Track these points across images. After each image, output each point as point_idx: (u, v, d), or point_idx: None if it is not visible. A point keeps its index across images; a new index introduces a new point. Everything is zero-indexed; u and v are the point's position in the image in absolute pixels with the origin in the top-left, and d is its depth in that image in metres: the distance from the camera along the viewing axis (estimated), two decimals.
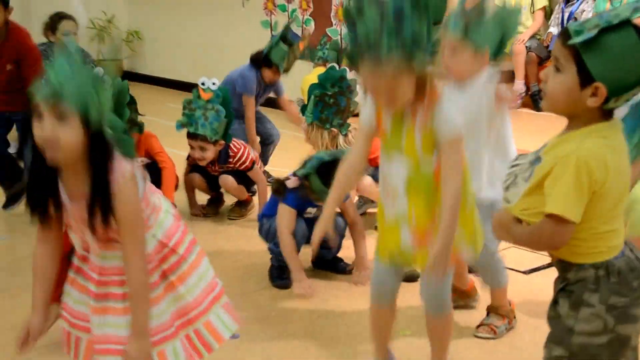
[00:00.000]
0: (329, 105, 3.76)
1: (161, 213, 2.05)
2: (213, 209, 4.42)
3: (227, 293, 3.27)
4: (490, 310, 2.94)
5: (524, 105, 6.03)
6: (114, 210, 1.86)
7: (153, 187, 2.07)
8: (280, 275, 3.40)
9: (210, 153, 4.14)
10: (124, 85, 2.93)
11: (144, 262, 1.95)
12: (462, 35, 2.58)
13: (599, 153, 1.63)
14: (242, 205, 4.39)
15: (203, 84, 4.07)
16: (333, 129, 3.78)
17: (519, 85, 5.96)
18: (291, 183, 3.23)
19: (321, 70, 6.79)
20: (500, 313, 2.90)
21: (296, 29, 7.29)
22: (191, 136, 4.11)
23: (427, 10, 2.00)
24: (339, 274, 3.49)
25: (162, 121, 5.77)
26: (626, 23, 1.61)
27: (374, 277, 2.44)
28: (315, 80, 4.10)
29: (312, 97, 3.80)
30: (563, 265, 1.76)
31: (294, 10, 7.23)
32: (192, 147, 4.15)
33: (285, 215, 3.26)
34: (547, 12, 6.07)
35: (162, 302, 2.02)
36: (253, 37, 7.60)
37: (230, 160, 4.21)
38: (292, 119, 4.85)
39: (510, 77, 3.44)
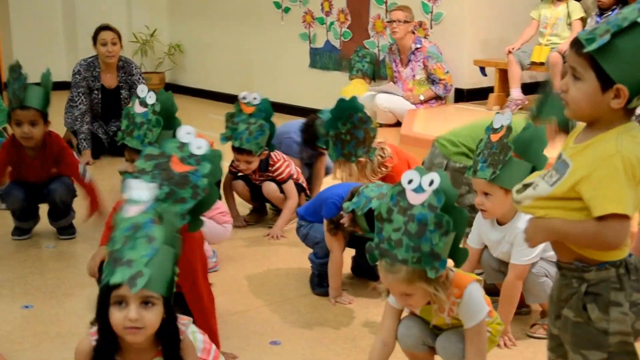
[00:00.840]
0: (347, 142, 3.67)
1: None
2: (255, 217, 4.47)
3: (268, 300, 3.35)
4: (545, 313, 2.97)
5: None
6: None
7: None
8: (320, 283, 3.43)
9: (255, 164, 4.20)
10: (170, 97, 3.00)
11: None
12: (490, 178, 2.66)
13: (637, 150, 1.66)
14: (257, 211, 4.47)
15: (244, 98, 4.10)
16: (360, 159, 3.71)
17: (517, 93, 5.93)
18: (345, 221, 3.21)
19: (359, 82, 6.85)
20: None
21: (334, 41, 7.35)
22: (237, 150, 4.15)
23: (449, 227, 2.00)
24: (378, 282, 3.50)
25: (205, 132, 5.82)
26: (635, 24, 1.65)
27: (401, 326, 2.41)
28: (354, 92, 4.09)
29: (329, 138, 3.73)
30: (580, 267, 1.76)
31: (332, 23, 7.27)
32: (237, 160, 4.21)
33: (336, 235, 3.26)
34: (585, 23, 6.01)
35: None
36: (292, 49, 7.68)
37: (270, 168, 4.26)
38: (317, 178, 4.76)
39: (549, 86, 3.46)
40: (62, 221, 4.15)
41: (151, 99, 2.91)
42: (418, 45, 6.19)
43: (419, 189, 2.00)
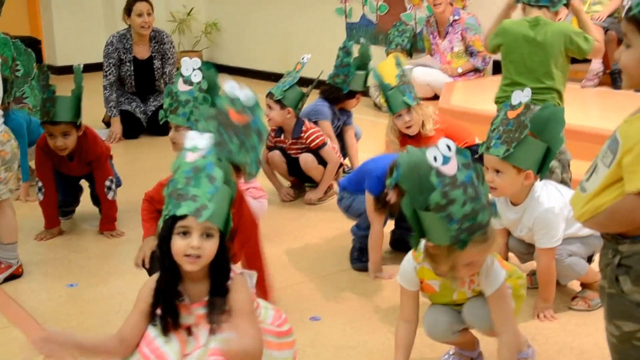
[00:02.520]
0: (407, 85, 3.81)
1: (261, 310, 2.17)
2: (293, 194, 4.47)
3: (307, 276, 3.35)
4: (585, 285, 2.95)
5: (602, 83, 5.86)
6: (231, 307, 2.00)
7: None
8: (359, 257, 3.41)
9: (276, 114, 4.20)
10: (213, 73, 3.00)
11: (258, 344, 2.00)
12: (503, 156, 2.61)
13: None
14: (298, 188, 4.47)
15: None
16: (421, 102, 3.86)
17: (597, 64, 5.79)
18: (392, 197, 3.19)
19: (400, 54, 6.78)
20: (594, 289, 2.87)
21: (370, 15, 7.28)
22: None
23: (483, 172, 2.10)
24: None
25: None
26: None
27: (433, 321, 2.42)
28: (392, 67, 4.06)
29: (391, 93, 3.81)
30: (616, 238, 1.75)
31: None
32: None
33: (372, 204, 3.22)
34: None
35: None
36: (328, 24, 7.64)
37: (302, 135, 4.25)
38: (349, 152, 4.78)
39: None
40: None
41: (197, 77, 2.90)
42: (456, 17, 6.11)
43: (446, 160, 1.99)
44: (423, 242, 2.20)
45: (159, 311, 2.02)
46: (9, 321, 2.64)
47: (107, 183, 3.91)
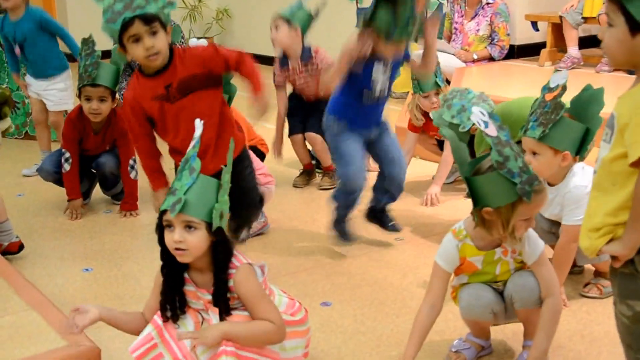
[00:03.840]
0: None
1: (275, 296, 2.20)
2: (304, 180, 4.49)
3: (318, 261, 3.38)
4: (598, 273, 2.97)
5: (617, 69, 5.80)
6: (239, 296, 2.03)
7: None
8: (343, 232, 3.41)
9: (283, 34, 4.23)
10: None
11: (276, 328, 2.05)
12: (539, 137, 2.61)
13: None
14: (330, 175, 4.45)
15: None
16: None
17: None
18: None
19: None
20: (607, 277, 2.86)
21: None
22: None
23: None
24: (393, 232, 3.52)
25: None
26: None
27: (473, 299, 2.40)
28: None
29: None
30: None
31: None
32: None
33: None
34: None
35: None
36: (339, 10, 7.60)
37: (313, 57, 4.25)
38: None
39: None
40: (113, 189, 4.24)
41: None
42: (490, 1, 6.03)
43: (486, 124, 2.11)
44: (461, 222, 2.30)
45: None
46: (27, 304, 2.68)
47: (130, 162, 4.00)
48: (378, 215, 3.52)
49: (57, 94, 4.65)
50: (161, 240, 2.02)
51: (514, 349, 2.54)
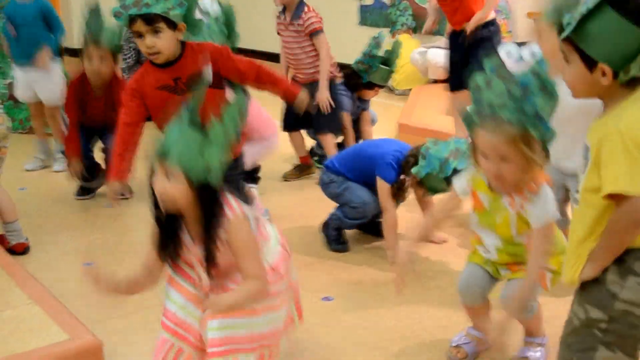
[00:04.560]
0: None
1: (271, 241, 2.20)
2: (295, 174, 4.55)
3: (321, 257, 3.38)
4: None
5: None
6: (229, 245, 2.01)
7: (263, 219, 2.21)
8: (338, 239, 3.45)
9: None
10: (230, 9, 3.27)
11: (259, 287, 2.05)
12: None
13: (638, 122, 1.62)
14: (300, 169, 4.55)
15: None
16: None
17: None
18: (411, 184, 3.21)
19: (407, 37, 6.74)
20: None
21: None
22: None
23: (554, 90, 2.03)
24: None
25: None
26: (602, 3, 1.62)
27: (463, 277, 2.44)
28: (406, 48, 4.04)
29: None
30: None
31: None
32: None
33: (387, 191, 3.24)
34: None
35: (261, 317, 2.09)
36: (342, 7, 7.61)
37: (302, 15, 4.30)
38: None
39: None
40: None
41: (215, 9, 2.92)
42: None
43: (519, 59, 2.02)
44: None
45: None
46: (29, 298, 2.69)
47: None
48: (374, 225, 3.57)
49: (49, 87, 4.60)
50: (152, 193, 2.01)
51: (515, 343, 2.53)
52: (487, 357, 2.50)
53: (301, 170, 4.56)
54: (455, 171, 3.05)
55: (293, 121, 4.43)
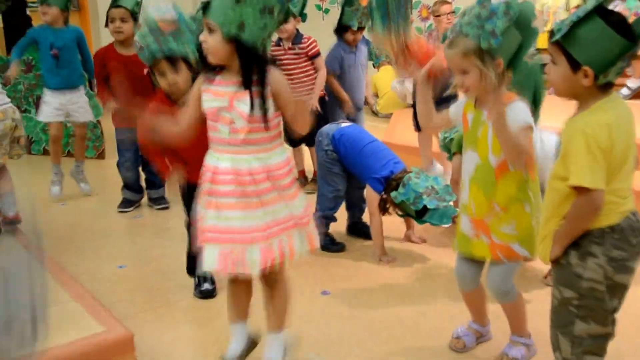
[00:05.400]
0: (393, 14, 3.41)
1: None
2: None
3: (318, 256, 3.36)
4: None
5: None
6: (273, 89, 1.95)
7: None
8: (333, 241, 3.43)
9: (291, 25, 4.18)
10: None
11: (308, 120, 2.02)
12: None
13: (602, 125, 1.64)
14: (316, 182, 4.46)
15: None
16: (401, 32, 3.43)
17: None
18: (391, 206, 3.19)
19: (389, 68, 6.75)
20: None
21: (367, 35, 7.21)
22: None
23: (515, 13, 1.99)
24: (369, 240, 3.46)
25: None
26: (592, 13, 1.64)
27: (456, 269, 2.36)
28: (387, 78, 3.98)
29: (376, 10, 3.44)
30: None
31: None
32: None
33: (375, 199, 3.22)
34: None
35: (280, 204, 2.02)
36: (331, 43, 7.59)
37: (304, 41, 4.24)
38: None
39: None
40: (160, 190, 4.17)
41: None
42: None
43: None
44: None
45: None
46: (70, 297, 2.67)
47: None
48: (359, 227, 3.56)
49: (81, 106, 4.43)
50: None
51: (501, 342, 2.46)
52: (481, 349, 2.45)
53: (301, 183, 4.51)
54: (425, 208, 3.07)
55: (297, 139, 4.42)
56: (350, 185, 3.45)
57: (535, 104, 2.56)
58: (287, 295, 2.21)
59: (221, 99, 1.98)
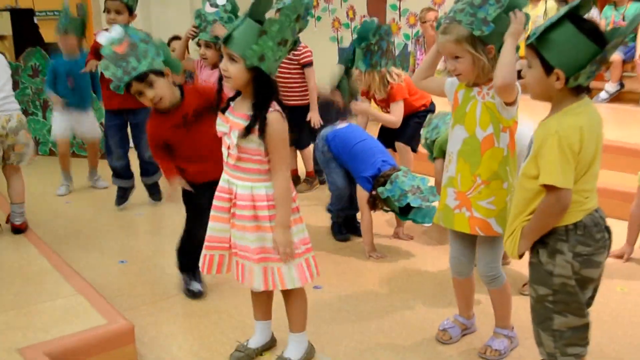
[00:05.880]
0: (375, 52, 3.51)
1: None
2: (308, 187, 4.50)
3: None
4: None
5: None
6: (266, 134, 1.99)
7: None
8: (340, 230, 3.50)
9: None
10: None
11: (287, 175, 2.06)
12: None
13: (574, 127, 1.67)
14: (308, 181, 4.50)
15: None
16: (382, 69, 3.57)
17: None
18: (379, 202, 3.21)
19: None
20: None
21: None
22: None
23: (505, 2, 2.03)
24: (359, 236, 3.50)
25: None
26: (564, 18, 1.67)
27: (450, 254, 2.37)
28: None
29: (359, 50, 3.52)
30: None
31: (355, 27, 7.21)
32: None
33: (365, 197, 3.24)
34: None
35: (294, 227, 2.10)
36: (324, 49, 7.62)
37: (299, 49, 4.16)
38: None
39: None
40: (154, 176, 4.17)
41: (222, 0, 2.84)
42: None
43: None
44: None
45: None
46: (75, 290, 2.68)
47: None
48: (350, 224, 3.59)
49: (89, 126, 4.56)
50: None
51: (486, 333, 2.48)
52: (466, 341, 2.46)
53: (311, 182, 4.52)
54: (409, 206, 3.10)
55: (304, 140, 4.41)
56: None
57: None
58: (300, 300, 2.26)
59: (226, 125, 2.07)
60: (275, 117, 2.00)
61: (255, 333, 2.37)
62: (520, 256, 1.83)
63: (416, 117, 3.81)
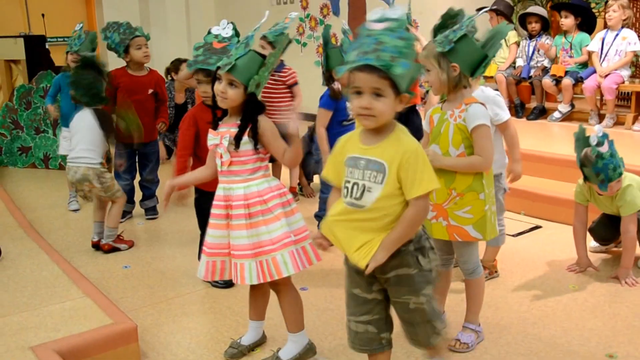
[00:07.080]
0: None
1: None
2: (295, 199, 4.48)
3: None
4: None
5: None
6: (261, 131, 2.06)
7: None
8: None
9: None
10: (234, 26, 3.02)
11: (294, 150, 2.08)
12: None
13: (415, 141, 1.71)
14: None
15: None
16: None
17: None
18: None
19: None
20: (485, 265, 2.79)
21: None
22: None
23: (489, 46, 2.14)
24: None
25: None
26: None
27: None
28: None
29: (330, 52, 3.45)
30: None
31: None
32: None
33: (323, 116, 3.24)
34: (519, 46, 5.90)
35: (282, 220, 2.10)
36: (309, 73, 7.64)
37: (284, 71, 4.15)
38: None
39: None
40: (148, 202, 4.18)
41: (228, 32, 2.73)
42: None
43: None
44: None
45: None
46: (83, 293, 2.65)
47: (161, 125, 3.97)
48: None
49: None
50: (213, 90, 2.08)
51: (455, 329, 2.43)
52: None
53: (294, 196, 4.50)
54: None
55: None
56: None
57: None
58: (294, 301, 2.25)
59: (217, 136, 2.11)
60: (262, 117, 2.08)
61: (248, 331, 2.37)
62: (366, 267, 1.70)
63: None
